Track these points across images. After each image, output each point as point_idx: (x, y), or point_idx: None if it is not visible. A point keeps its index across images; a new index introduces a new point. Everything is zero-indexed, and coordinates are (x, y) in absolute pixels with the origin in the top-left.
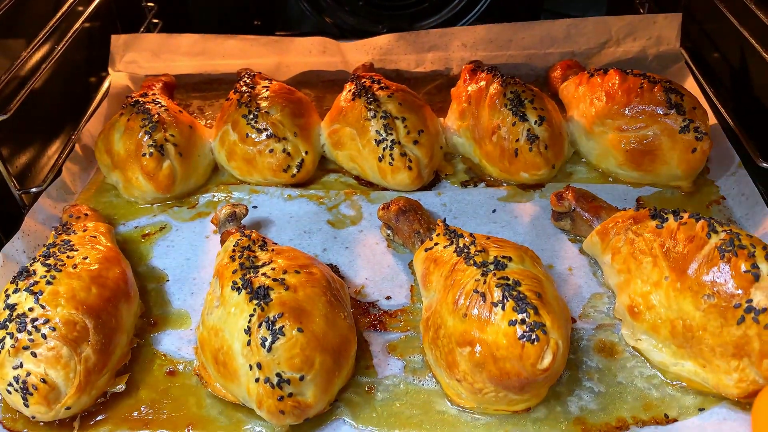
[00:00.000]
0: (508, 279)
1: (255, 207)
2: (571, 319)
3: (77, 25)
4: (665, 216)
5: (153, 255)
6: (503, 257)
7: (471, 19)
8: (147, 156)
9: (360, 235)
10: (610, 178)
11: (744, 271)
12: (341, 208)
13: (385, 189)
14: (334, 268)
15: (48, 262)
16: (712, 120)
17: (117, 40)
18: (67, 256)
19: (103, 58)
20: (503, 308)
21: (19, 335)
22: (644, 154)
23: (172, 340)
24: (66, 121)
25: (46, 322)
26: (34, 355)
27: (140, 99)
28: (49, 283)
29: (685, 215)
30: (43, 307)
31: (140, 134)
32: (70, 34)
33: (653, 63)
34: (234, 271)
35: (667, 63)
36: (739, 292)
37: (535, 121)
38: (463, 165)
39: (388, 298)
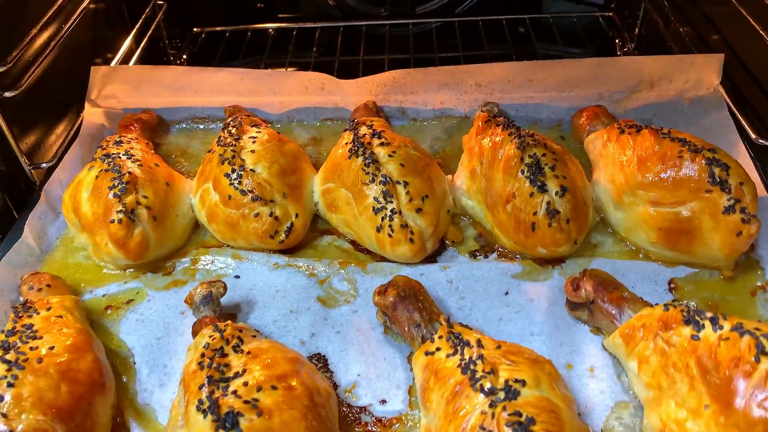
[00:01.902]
0: (520, 416)
1: (237, 277)
2: None
3: (83, 5)
4: (701, 322)
5: (120, 329)
6: (516, 381)
7: (471, 4)
8: (116, 223)
9: (354, 316)
10: (640, 254)
11: None
12: (333, 282)
13: (383, 259)
14: (323, 360)
15: (8, 357)
16: (762, 191)
17: (96, 72)
18: (30, 348)
19: (108, 40)
20: None
21: None
22: (681, 233)
23: None
24: (73, 102)
25: None
26: None
27: (112, 151)
28: (10, 385)
29: (726, 325)
30: (4, 415)
31: (109, 196)
32: (76, 15)
33: (690, 109)
34: (201, 386)
35: (707, 109)
36: None
37: (557, 192)
38: (473, 230)
39: (383, 402)
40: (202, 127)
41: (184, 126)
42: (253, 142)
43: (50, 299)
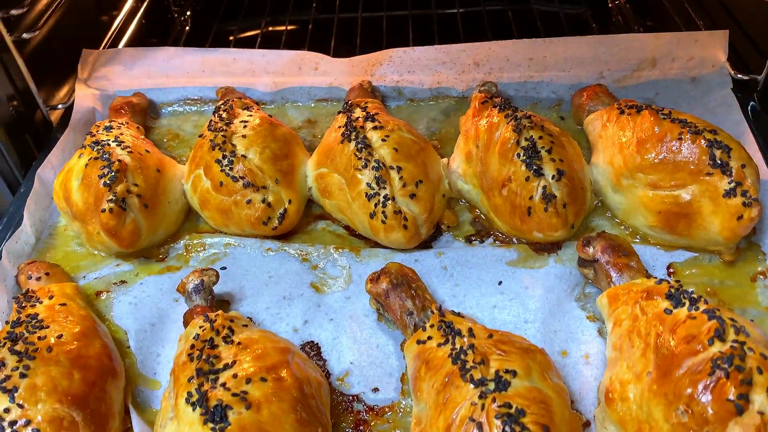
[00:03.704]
0: (510, 407)
1: (224, 268)
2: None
3: None
4: (683, 301)
5: (114, 313)
6: (506, 371)
7: None
8: (107, 212)
9: (347, 303)
10: (638, 237)
11: (728, 399)
12: (327, 268)
13: (377, 244)
14: (316, 347)
15: (17, 348)
16: (765, 174)
17: (87, 55)
18: (39, 338)
19: None
20: None
21: None
22: (680, 217)
23: None
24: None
25: (28, 423)
26: None
27: (101, 137)
28: (23, 375)
29: (702, 306)
30: (21, 406)
31: (99, 185)
32: None
33: (694, 88)
34: (190, 379)
35: (711, 87)
36: (714, 422)
37: (553, 176)
38: (468, 214)
39: (375, 390)
40: (194, 109)
41: (176, 108)
42: (245, 126)
43: (51, 287)
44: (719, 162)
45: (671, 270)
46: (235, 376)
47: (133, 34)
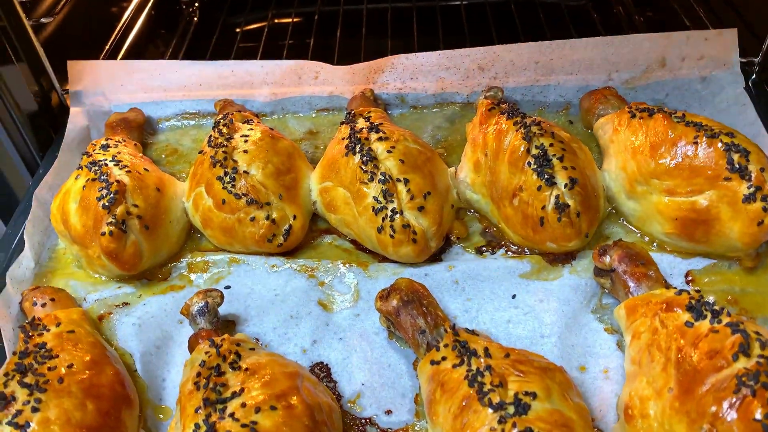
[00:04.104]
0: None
1: (228, 287)
2: None
3: None
4: (704, 313)
5: (118, 336)
6: (525, 393)
7: None
8: (107, 235)
9: (356, 321)
10: (654, 245)
11: (755, 420)
12: (334, 284)
13: (386, 259)
14: (326, 369)
15: (27, 381)
16: None
17: (74, 67)
18: (49, 368)
19: None
20: None
21: None
22: (698, 223)
23: None
24: (104, 31)
25: None
26: None
27: (98, 157)
28: (35, 410)
29: (725, 319)
30: None
31: (98, 207)
32: None
33: (705, 88)
34: (197, 409)
35: (722, 87)
36: None
37: (566, 185)
38: (478, 225)
39: (389, 412)
40: (192, 123)
41: (174, 122)
42: (245, 141)
43: (57, 314)
44: (737, 166)
45: (690, 278)
46: (243, 405)
47: (142, 26)
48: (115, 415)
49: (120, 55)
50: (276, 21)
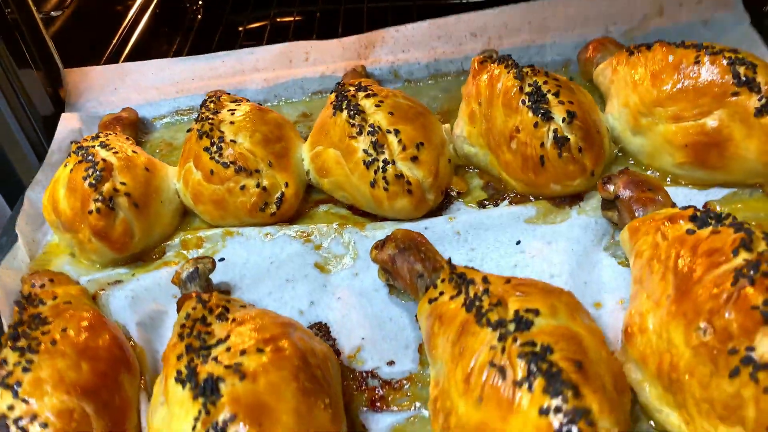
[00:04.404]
0: (534, 345)
1: (222, 260)
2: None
3: None
4: (709, 221)
5: (111, 310)
6: (527, 311)
7: None
8: (95, 213)
9: (355, 280)
10: (668, 179)
11: (752, 308)
12: (331, 246)
13: (384, 219)
14: (324, 328)
15: (18, 344)
16: None
17: (69, 75)
18: (42, 332)
19: None
20: (530, 389)
21: None
22: (710, 147)
23: None
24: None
25: (34, 418)
26: None
27: (85, 144)
28: (26, 370)
29: (729, 221)
30: (25, 401)
31: (85, 186)
32: None
33: (708, 31)
34: (179, 356)
35: (726, 27)
36: (739, 333)
37: (563, 119)
38: (479, 180)
39: (391, 363)
40: (186, 119)
41: (168, 120)
42: (232, 114)
43: (55, 289)
44: (744, 79)
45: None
46: (228, 349)
47: (146, 24)
48: (112, 377)
49: (125, 52)
50: (278, 20)
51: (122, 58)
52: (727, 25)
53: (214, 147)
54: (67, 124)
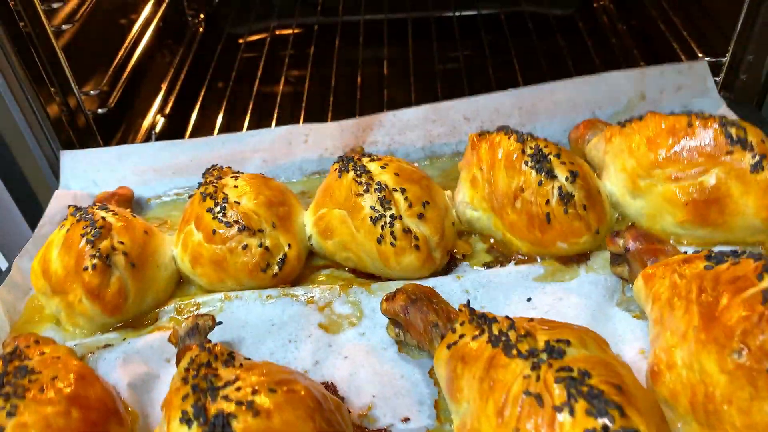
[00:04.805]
0: (571, 370)
1: (220, 323)
2: None
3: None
4: (725, 259)
5: (99, 371)
6: (558, 341)
7: None
8: (89, 269)
9: (362, 339)
10: (671, 241)
11: None
12: (335, 306)
13: (389, 279)
14: (331, 387)
15: (3, 391)
16: None
17: (66, 157)
18: (29, 380)
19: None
20: (572, 413)
21: None
22: (710, 203)
23: None
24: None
25: None
26: None
27: (84, 207)
28: (11, 414)
29: (744, 255)
30: None
31: (81, 244)
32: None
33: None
34: (185, 397)
35: (704, 111)
36: None
37: (567, 177)
38: (483, 244)
39: (406, 420)
40: (182, 198)
41: (165, 199)
42: (235, 179)
43: (42, 348)
44: (737, 138)
45: None
46: (239, 389)
47: (150, 37)
48: (103, 427)
49: (130, 65)
50: (277, 32)
51: (127, 71)
52: (704, 109)
53: (218, 207)
54: (61, 200)
